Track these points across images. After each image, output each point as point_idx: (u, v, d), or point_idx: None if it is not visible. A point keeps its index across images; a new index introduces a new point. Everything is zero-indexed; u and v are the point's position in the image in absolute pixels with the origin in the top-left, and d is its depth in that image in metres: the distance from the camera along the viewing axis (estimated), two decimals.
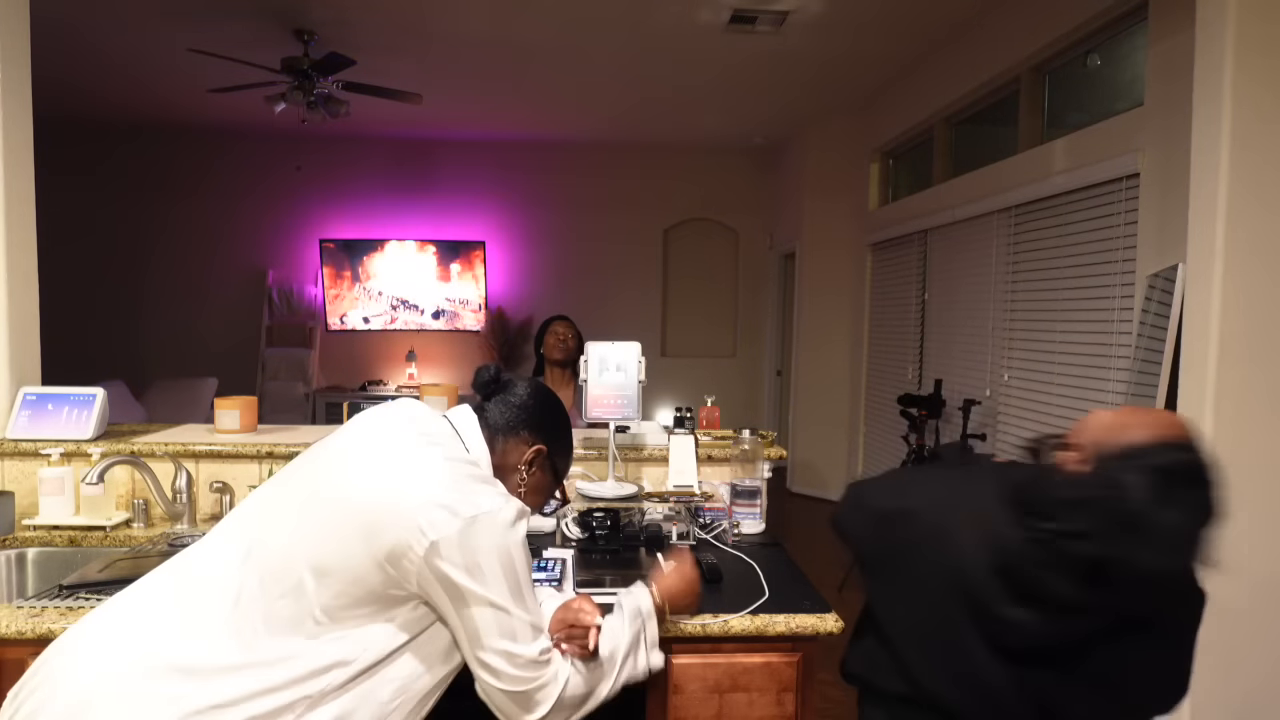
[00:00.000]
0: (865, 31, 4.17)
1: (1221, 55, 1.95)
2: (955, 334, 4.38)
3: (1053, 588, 0.92)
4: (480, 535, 1.03)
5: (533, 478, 1.23)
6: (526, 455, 1.21)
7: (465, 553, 1.02)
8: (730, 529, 1.94)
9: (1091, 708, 1.01)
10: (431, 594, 1.04)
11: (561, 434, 1.27)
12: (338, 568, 1.02)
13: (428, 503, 1.03)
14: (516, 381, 1.27)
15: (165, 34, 4.31)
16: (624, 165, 7.06)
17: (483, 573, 1.03)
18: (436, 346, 7.13)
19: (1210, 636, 2.01)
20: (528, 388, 1.26)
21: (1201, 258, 2.03)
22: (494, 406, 1.23)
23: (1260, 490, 2.01)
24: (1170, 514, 0.88)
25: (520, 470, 1.22)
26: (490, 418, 1.22)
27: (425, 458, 1.10)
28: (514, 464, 1.21)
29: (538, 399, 1.25)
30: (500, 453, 1.20)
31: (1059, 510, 0.91)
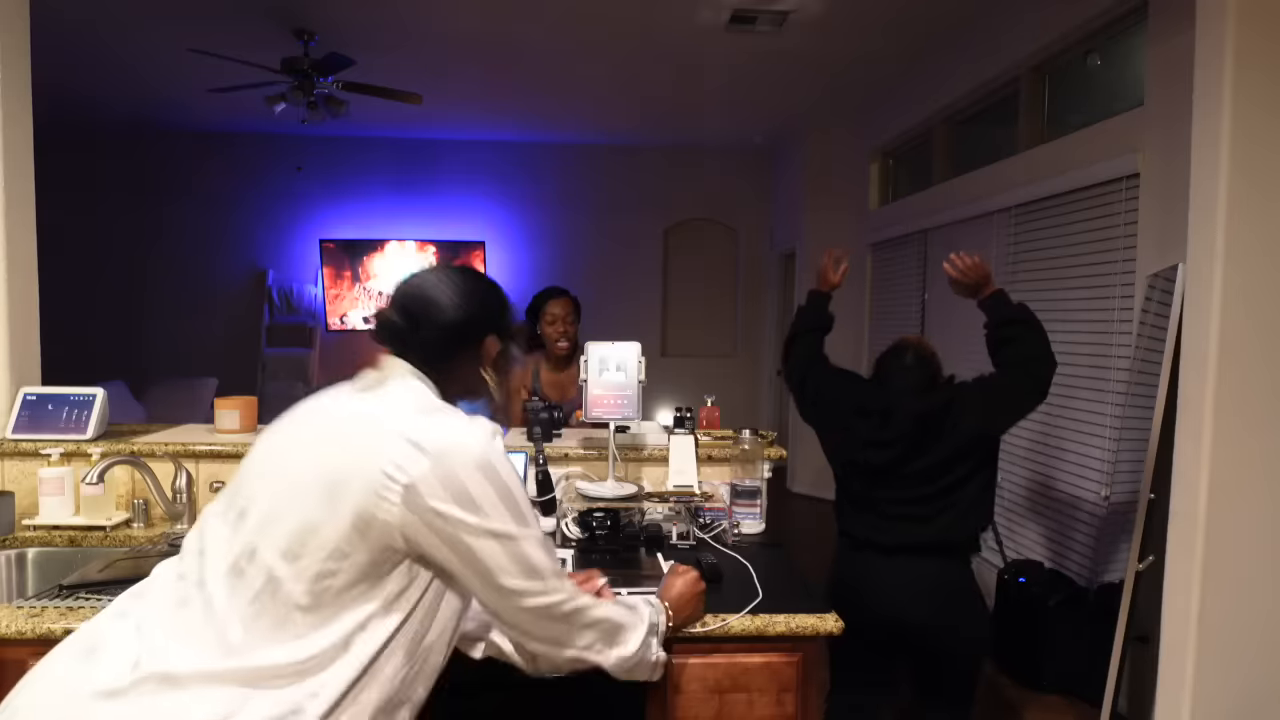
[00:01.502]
0: (865, 31, 4.17)
1: (1221, 55, 1.95)
2: (955, 334, 4.38)
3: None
4: (458, 463, 0.96)
5: (500, 370, 1.17)
6: (484, 361, 1.14)
7: (449, 485, 0.95)
8: (730, 529, 1.94)
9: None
10: (424, 544, 0.97)
11: (501, 312, 1.18)
12: (308, 545, 0.94)
13: (389, 444, 0.96)
14: (425, 304, 1.11)
15: (165, 34, 4.31)
16: (624, 165, 7.06)
17: (474, 501, 0.96)
18: None
19: (1211, 636, 2.02)
20: (442, 297, 1.11)
21: (1201, 258, 2.02)
22: (418, 347, 1.10)
23: (1260, 490, 2.01)
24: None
25: (485, 376, 1.15)
26: (425, 357, 1.10)
27: (372, 405, 1.04)
28: (475, 377, 1.14)
29: (459, 302, 1.11)
30: (455, 379, 1.12)
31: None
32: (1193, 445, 2.03)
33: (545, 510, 1.96)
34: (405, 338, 1.10)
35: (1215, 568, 2.01)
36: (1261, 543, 2.02)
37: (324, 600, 0.94)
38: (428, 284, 1.13)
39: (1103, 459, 3.08)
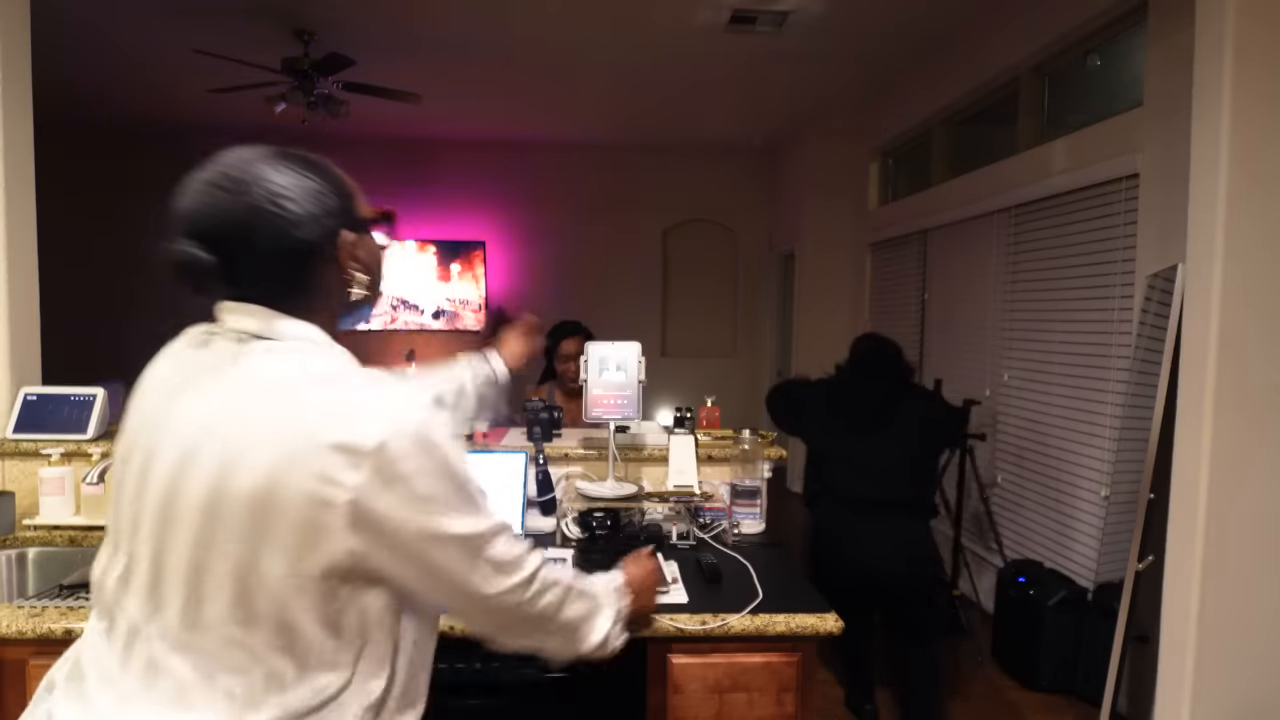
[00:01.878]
0: (865, 32, 4.17)
1: (1221, 54, 1.95)
2: (955, 334, 4.38)
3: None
4: (403, 458, 0.76)
5: (360, 263, 0.91)
6: (339, 261, 0.88)
7: (399, 490, 0.76)
8: (730, 529, 1.94)
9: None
10: (378, 562, 0.78)
11: (345, 200, 0.90)
12: (258, 603, 0.75)
13: (309, 454, 0.74)
14: (242, 227, 0.83)
15: (165, 34, 4.31)
16: (624, 165, 7.06)
17: (430, 503, 0.79)
18: (436, 346, 7.12)
19: (1211, 636, 2.02)
20: (263, 213, 0.83)
21: (1201, 258, 2.03)
22: (248, 280, 0.84)
23: (1260, 490, 2.01)
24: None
25: (347, 275, 0.90)
26: (260, 293, 0.84)
27: (246, 383, 0.79)
28: (340, 285, 0.90)
29: (308, 192, 0.86)
30: (313, 294, 0.87)
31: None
32: (1192, 445, 2.04)
33: (545, 510, 1.97)
34: (214, 272, 0.82)
35: (1215, 568, 2.01)
36: (1261, 542, 2.03)
37: (305, 663, 0.77)
38: (232, 197, 0.83)
39: (1103, 459, 3.08)
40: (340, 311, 0.92)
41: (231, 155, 0.89)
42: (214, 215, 0.83)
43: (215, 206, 0.83)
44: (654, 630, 1.41)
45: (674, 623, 1.41)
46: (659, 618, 1.42)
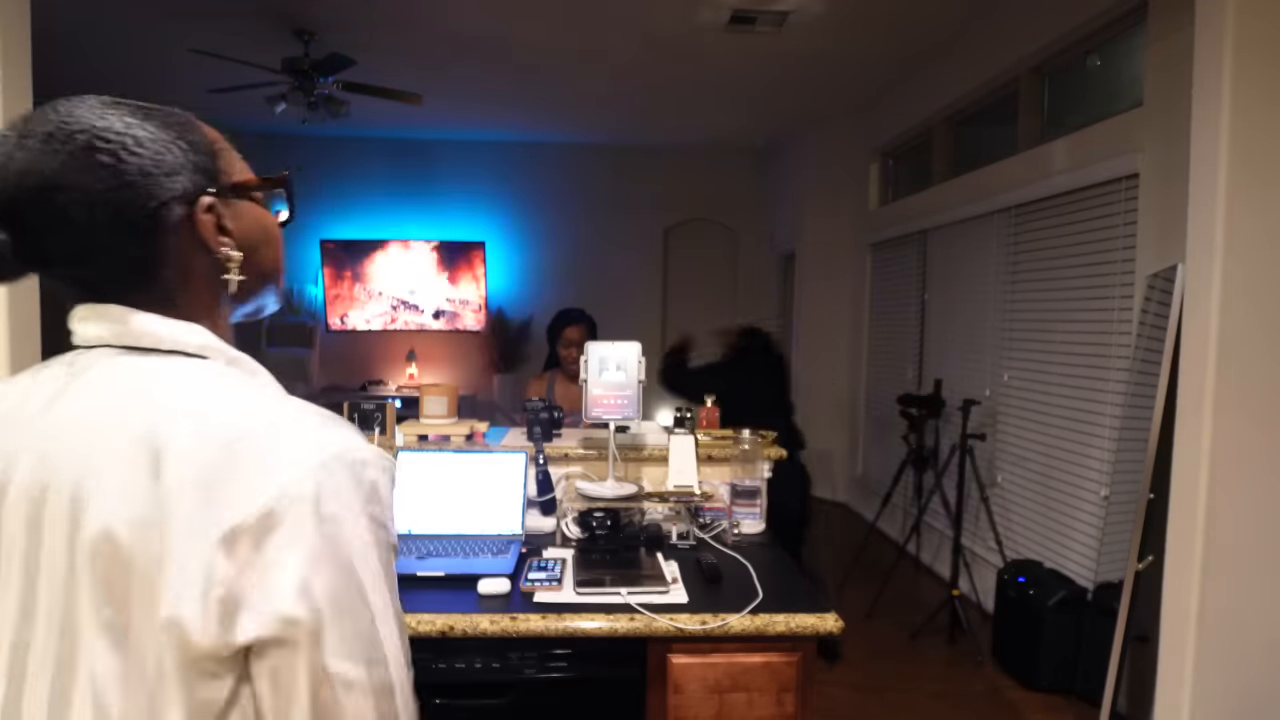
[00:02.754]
0: (865, 31, 4.17)
1: (1221, 55, 1.95)
2: (955, 334, 4.38)
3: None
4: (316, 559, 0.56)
5: (231, 236, 0.67)
6: (202, 233, 0.65)
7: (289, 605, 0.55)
8: (730, 529, 1.94)
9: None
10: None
11: (204, 145, 0.68)
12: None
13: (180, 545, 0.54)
14: (43, 180, 0.60)
15: (165, 34, 4.31)
16: (624, 165, 7.06)
17: (327, 615, 0.57)
18: (437, 346, 7.13)
19: (1211, 636, 2.02)
20: (71, 156, 0.61)
21: (1201, 258, 2.03)
22: (72, 260, 0.62)
23: (1260, 490, 2.02)
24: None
25: (216, 252, 0.66)
26: (99, 279, 0.63)
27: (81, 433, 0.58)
28: (203, 266, 0.66)
29: (102, 155, 0.61)
30: (170, 281, 0.64)
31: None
32: (1192, 445, 2.04)
33: (545, 510, 1.97)
34: (35, 253, 0.61)
35: (1215, 568, 2.01)
36: (1261, 542, 2.03)
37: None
38: (42, 146, 0.61)
39: (1103, 459, 3.08)
40: (221, 304, 0.69)
41: (47, 105, 0.65)
42: (15, 171, 0.60)
43: (13, 159, 0.60)
44: (654, 630, 1.42)
45: (674, 623, 1.41)
46: (659, 618, 1.42)
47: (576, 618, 1.42)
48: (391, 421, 2.14)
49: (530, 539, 1.87)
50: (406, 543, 1.78)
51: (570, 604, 1.47)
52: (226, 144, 0.71)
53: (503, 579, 1.53)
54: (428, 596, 1.49)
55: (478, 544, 1.77)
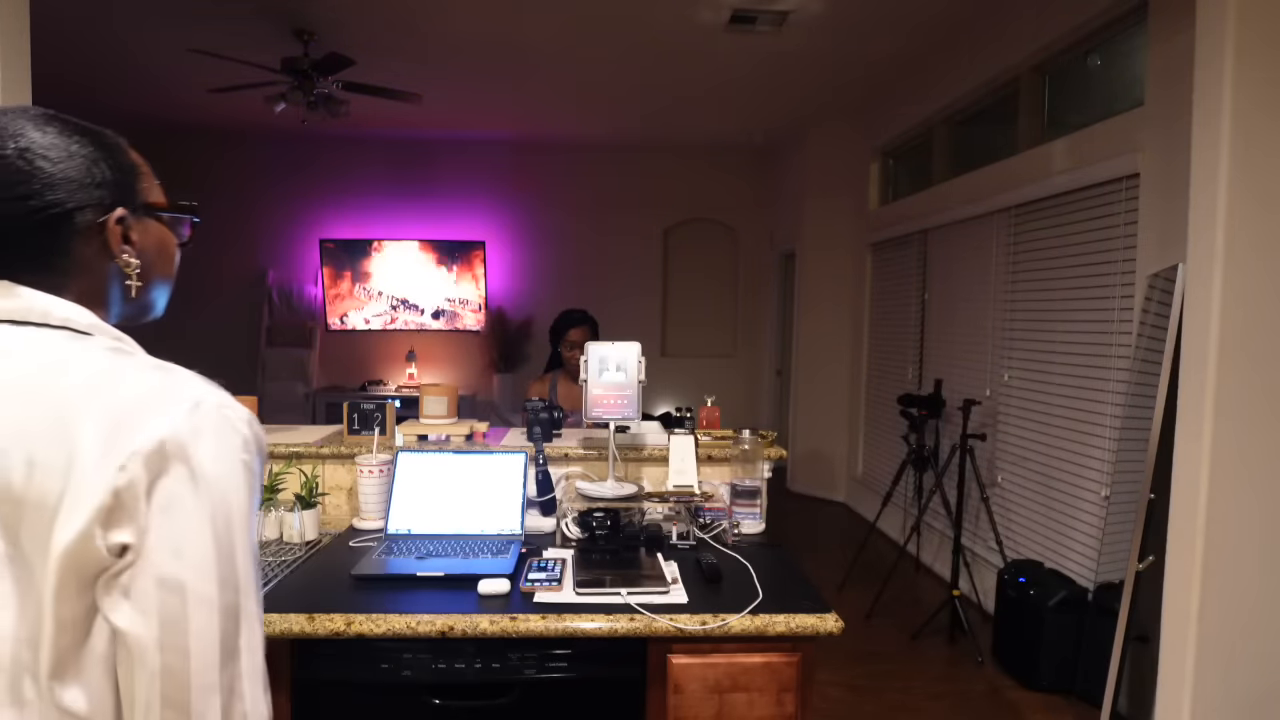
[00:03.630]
0: (865, 31, 4.17)
1: (1221, 55, 1.95)
2: (955, 334, 4.38)
3: None
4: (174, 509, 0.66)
5: (134, 246, 0.79)
6: (109, 241, 0.77)
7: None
8: (730, 529, 1.94)
9: None
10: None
11: (127, 167, 0.80)
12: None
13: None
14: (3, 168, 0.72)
15: (165, 34, 4.31)
16: (624, 165, 7.06)
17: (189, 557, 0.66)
18: (436, 346, 7.13)
19: (1211, 636, 2.02)
20: (38, 146, 0.73)
21: (1201, 258, 2.03)
22: (4, 251, 0.73)
23: (1260, 490, 2.01)
24: None
25: (118, 258, 0.78)
26: (16, 262, 0.73)
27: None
28: (104, 267, 0.78)
29: (70, 156, 0.74)
30: (71, 273, 0.75)
31: None
32: (1193, 445, 2.04)
33: (545, 510, 1.97)
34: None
35: (1215, 568, 2.01)
36: (1261, 543, 2.03)
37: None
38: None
39: (1103, 459, 3.08)
40: (111, 301, 0.80)
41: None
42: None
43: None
44: (654, 630, 1.42)
45: (674, 623, 1.41)
46: (659, 618, 1.42)
47: (576, 618, 1.42)
48: (391, 421, 2.14)
49: (530, 539, 1.87)
50: (406, 543, 1.78)
51: (570, 604, 1.47)
52: (149, 170, 0.84)
53: (503, 579, 1.53)
54: (428, 596, 1.49)
55: (478, 544, 1.77)
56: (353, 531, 1.93)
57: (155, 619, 0.65)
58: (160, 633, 0.65)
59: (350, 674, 1.42)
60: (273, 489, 1.85)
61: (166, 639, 0.65)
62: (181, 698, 0.65)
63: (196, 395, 0.70)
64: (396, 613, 1.41)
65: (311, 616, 1.39)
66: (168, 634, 0.65)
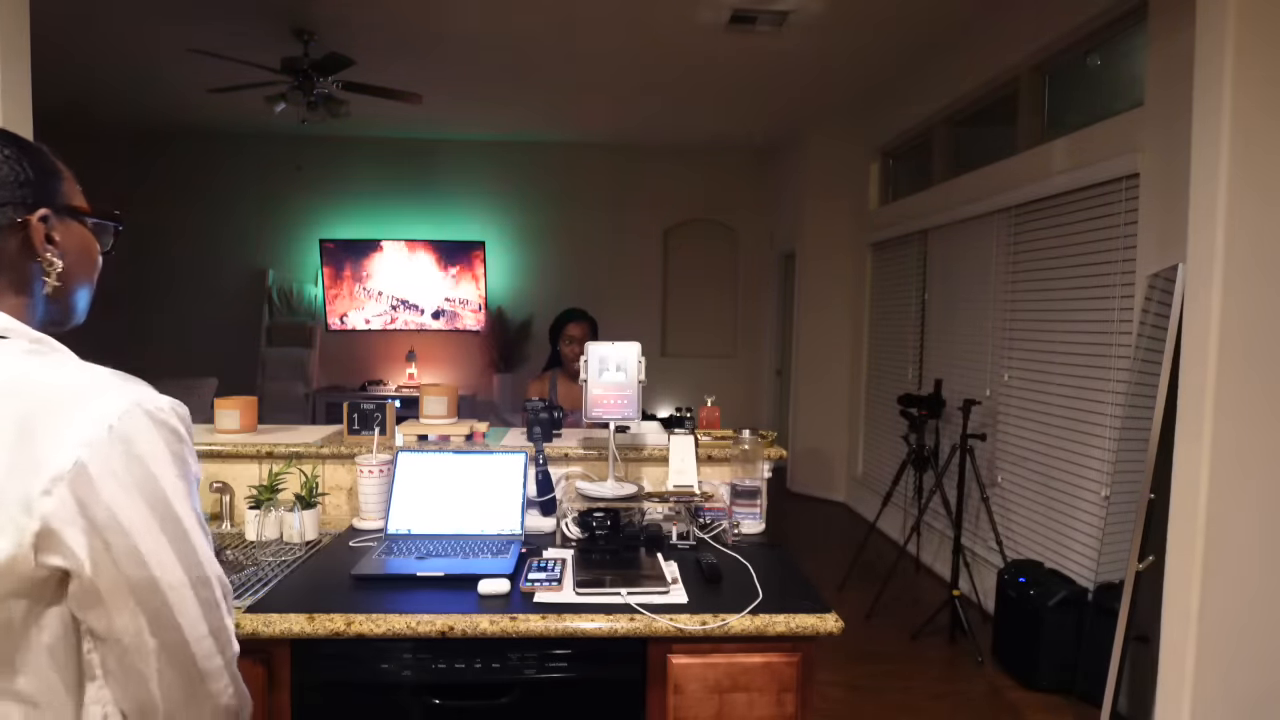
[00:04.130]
0: (865, 31, 4.17)
1: (1221, 55, 1.95)
2: (955, 334, 4.38)
3: None
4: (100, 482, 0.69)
5: (56, 247, 0.81)
6: (32, 240, 0.79)
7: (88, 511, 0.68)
8: (730, 529, 1.94)
9: None
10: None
11: (49, 171, 0.83)
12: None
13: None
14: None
15: (165, 34, 4.31)
16: (624, 165, 7.06)
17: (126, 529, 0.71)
18: (436, 346, 7.12)
19: (1211, 636, 2.02)
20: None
21: (1201, 258, 2.03)
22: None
23: (1260, 490, 2.01)
24: None
25: (45, 254, 0.80)
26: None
27: None
28: (25, 265, 0.79)
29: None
30: (5, 285, 0.78)
31: None
32: (1193, 445, 2.04)
33: (545, 510, 1.97)
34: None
35: (1215, 568, 2.01)
36: (1261, 543, 2.02)
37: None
38: None
39: (1103, 459, 3.08)
40: (32, 301, 0.81)
41: None
42: None
43: None
44: (654, 630, 1.42)
45: (674, 623, 1.41)
46: (659, 618, 1.42)
47: (576, 618, 1.42)
48: (391, 421, 2.14)
49: (530, 539, 1.87)
50: (406, 543, 1.78)
51: (570, 604, 1.47)
52: (71, 176, 0.86)
53: (503, 579, 1.53)
54: (427, 597, 1.49)
55: (478, 544, 1.77)
56: (353, 531, 1.93)
57: (142, 617, 0.71)
58: (150, 624, 0.72)
59: (350, 674, 1.42)
60: (273, 489, 1.85)
61: (157, 626, 0.72)
62: (184, 658, 0.74)
63: (115, 401, 0.71)
64: (396, 613, 1.41)
65: (311, 616, 1.39)
66: (156, 623, 0.72)
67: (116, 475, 0.70)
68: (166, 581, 0.72)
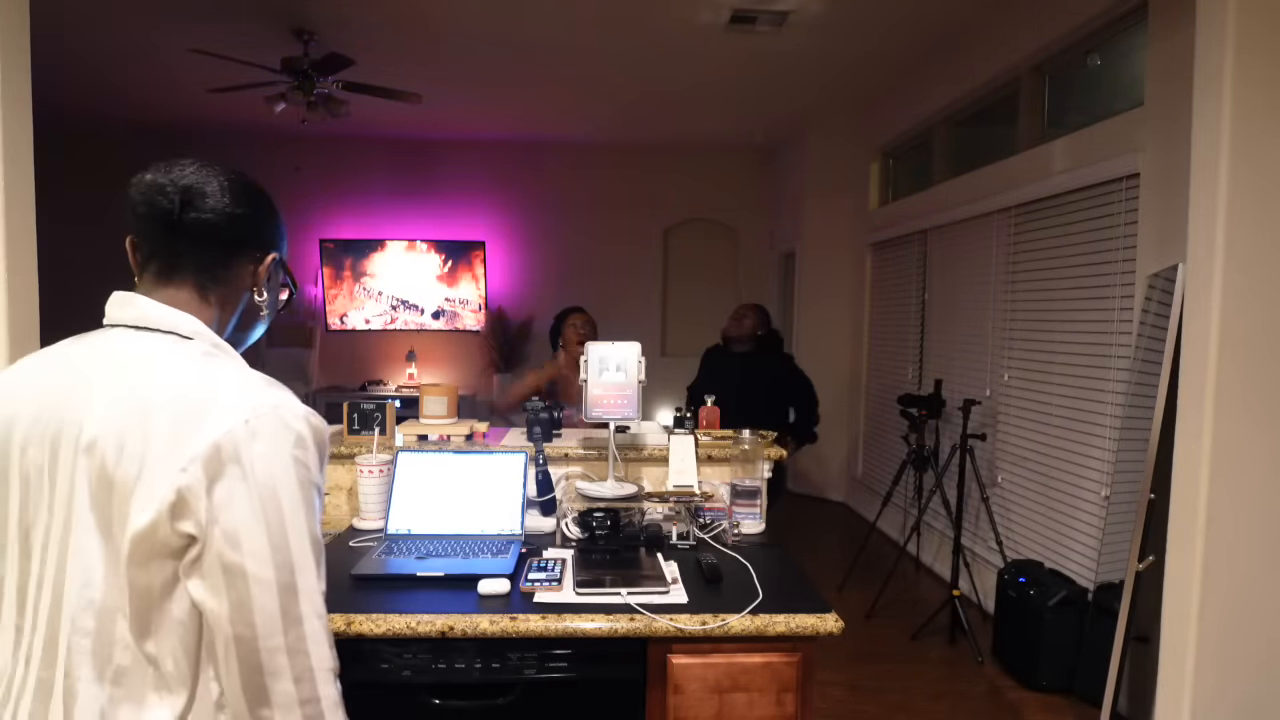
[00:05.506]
0: (865, 31, 4.17)
1: (1221, 54, 1.95)
2: (955, 334, 4.38)
3: None
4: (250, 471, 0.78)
5: (271, 283, 1.00)
6: (258, 274, 0.97)
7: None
8: (730, 529, 1.94)
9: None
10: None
11: (282, 232, 1.02)
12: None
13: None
14: (224, 189, 0.92)
15: (165, 34, 4.31)
16: (624, 165, 7.06)
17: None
18: (436, 346, 7.12)
19: (1211, 636, 2.02)
20: (248, 190, 0.95)
21: (1201, 258, 2.03)
22: (192, 250, 0.90)
23: (1260, 490, 2.01)
24: None
25: (259, 287, 0.97)
26: (191, 264, 0.90)
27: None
28: (237, 296, 0.96)
29: (264, 203, 0.97)
30: (220, 299, 0.93)
31: None
32: (1193, 445, 2.03)
33: (545, 510, 1.97)
34: (172, 223, 0.89)
35: (1215, 568, 2.01)
36: (1261, 543, 2.02)
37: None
38: (198, 176, 0.92)
39: (1103, 459, 3.08)
40: (229, 321, 0.96)
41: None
42: (198, 180, 0.91)
43: (200, 172, 0.92)
44: (654, 630, 1.42)
45: (674, 623, 1.41)
46: (659, 618, 1.42)
47: (576, 618, 1.42)
48: (391, 421, 2.14)
49: (530, 539, 1.87)
50: (406, 543, 1.78)
51: (570, 604, 1.47)
52: (286, 237, 1.05)
53: (503, 579, 1.53)
54: (428, 596, 1.49)
55: (478, 544, 1.77)
56: (353, 531, 1.93)
57: (225, 598, 0.77)
58: (230, 609, 0.77)
59: (350, 674, 1.42)
60: None
61: (235, 614, 0.77)
62: (253, 659, 0.78)
63: (256, 400, 0.81)
64: (396, 613, 1.41)
65: None
66: (235, 610, 0.77)
67: (240, 462, 0.78)
68: (254, 573, 0.77)
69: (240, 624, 0.77)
